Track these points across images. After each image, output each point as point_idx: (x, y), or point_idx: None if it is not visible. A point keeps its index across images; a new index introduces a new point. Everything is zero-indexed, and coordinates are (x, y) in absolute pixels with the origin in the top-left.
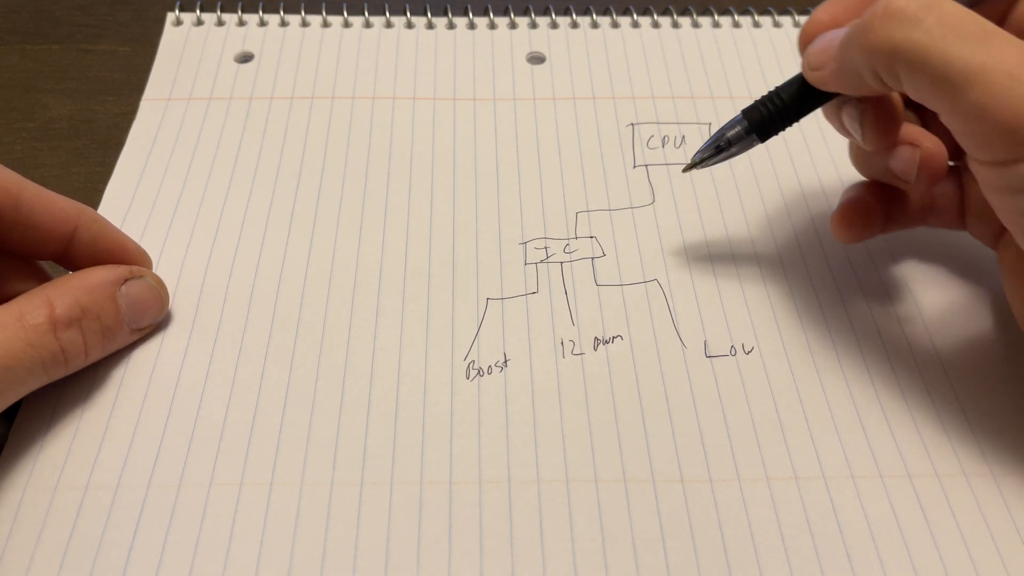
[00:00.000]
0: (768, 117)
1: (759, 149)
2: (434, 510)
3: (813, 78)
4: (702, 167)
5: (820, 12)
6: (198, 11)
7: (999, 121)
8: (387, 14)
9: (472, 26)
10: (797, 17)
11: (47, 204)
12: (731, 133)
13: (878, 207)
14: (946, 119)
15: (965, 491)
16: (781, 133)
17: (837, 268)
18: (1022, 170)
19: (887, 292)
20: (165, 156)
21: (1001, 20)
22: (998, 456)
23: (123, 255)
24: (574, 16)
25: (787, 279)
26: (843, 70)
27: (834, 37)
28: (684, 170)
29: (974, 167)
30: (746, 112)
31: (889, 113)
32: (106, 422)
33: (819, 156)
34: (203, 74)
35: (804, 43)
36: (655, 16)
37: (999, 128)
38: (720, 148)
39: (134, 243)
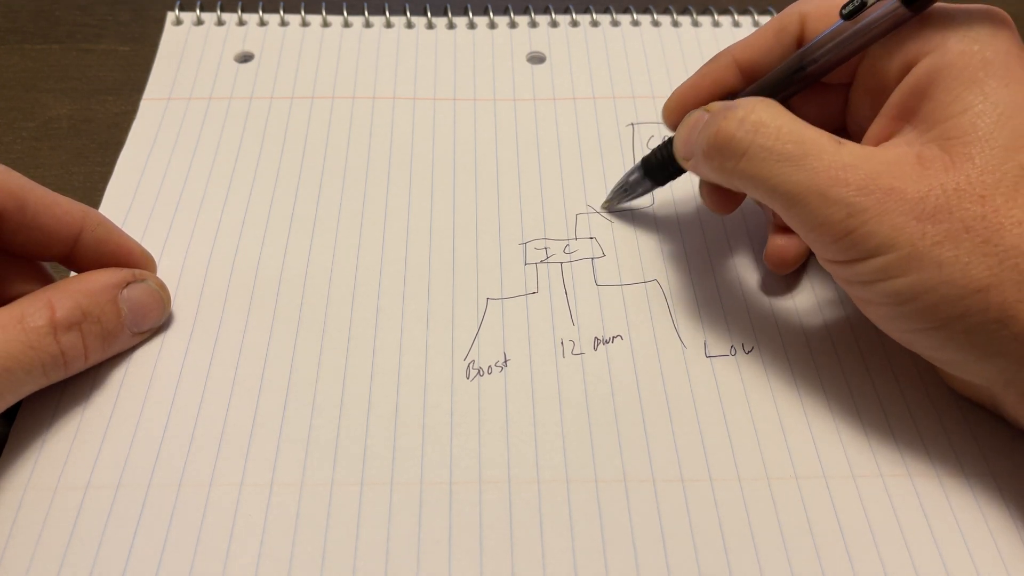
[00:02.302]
0: (658, 165)
1: None
2: (434, 510)
3: (684, 166)
4: (617, 205)
5: (680, 91)
6: (198, 11)
7: (820, 234)
8: (387, 14)
9: (472, 26)
10: None
11: (52, 206)
12: (632, 178)
13: (786, 246)
14: (789, 225)
15: (965, 491)
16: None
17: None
18: (855, 269)
19: None
20: (165, 156)
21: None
22: (998, 456)
23: (128, 258)
24: (574, 15)
25: (787, 279)
26: (698, 170)
27: (694, 126)
28: (601, 206)
29: (821, 262)
30: (643, 159)
31: (729, 198)
32: (106, 422)
33: None
34: (203, 74)
35: (667, 117)
36: (655, 15)
37: (822, 239)
38: (625, 189)
39: (139, 246)
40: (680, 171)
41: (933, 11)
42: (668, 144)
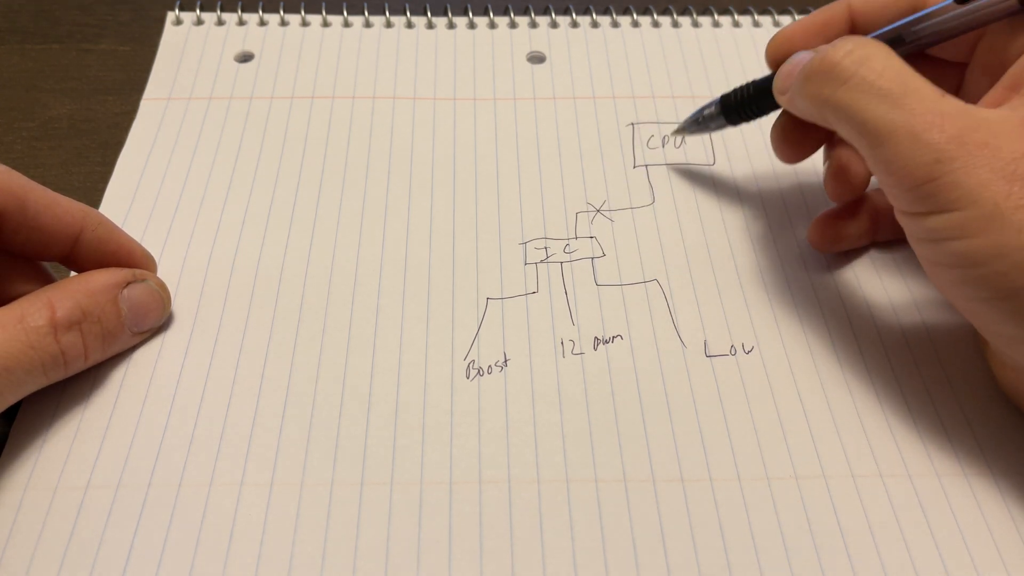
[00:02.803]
0: (736, 105)
1: (762, 149)
2: (434, 510)
3: (779, 99)
4: (688, 135)
5: (789, 28)
6: (198, 11)
7: (903, 177)
8: (387, 14)
9: (472, 26)
10: (797, 17)
11: (53, 206)
12: (707, 111)
13: (845, 223)
14: (870, 168)
15: (965, 491)
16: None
17: (837, 268)
18: (930, 223)
19: (887, 292)
20: (165, 156)
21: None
22: (998, 456)
23: (128, 258)
24: (574, 16)
25: (787, 279)
26: (795, 103)
27: (798, 63)
28: (673, 133)
29: (896, 214)
30: (722, 96)
31: (802, 143)
32: (106, 422)
33: (818, 157)
34: (203, 74)
35: (770, 52)
36: (655, 16)
37: (904, 184)
38: (698, 123)
39: (139, 246)
40: (756, 115)
41: None
42: (750, 86)
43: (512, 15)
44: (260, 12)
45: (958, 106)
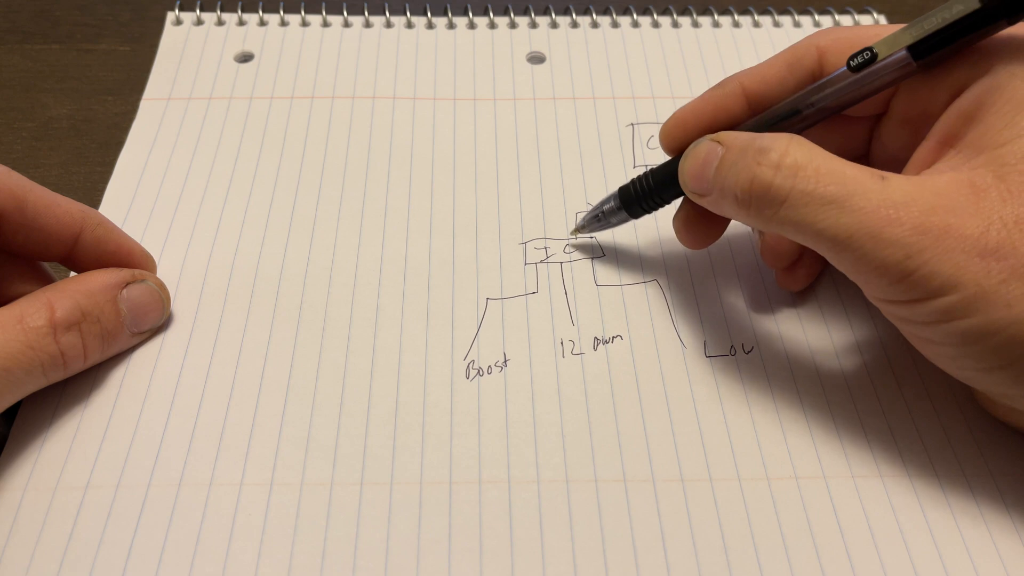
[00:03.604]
0: (636, 198)
1: None
2: (434, 510)
3: (697, 201)
4: (587, 232)
5: (681, 113)
6: (198, 11)
7: (876, 277)
8: (387, 14)
9: (472, 26)
10: (797, 17)
11: (52, 207)
12: (606, 207)
13: (804, 268)
14: (837, 267)
15: (965, 491)
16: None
17: (836, 268)
18: (915, 309)
19: None
20: (165, 156)
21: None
22: (997, 457)
23: (128, 258)
24: (574, 16)
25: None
26: (723, 211)
27: (707, 161)
28: (571, 233)
29: (870, 298)
30: (620, 190)
31: (707, 235)
32: (106, 422)
33: None
34: (203, 74)
35: (665, 140)
36: (655, 16)
37: (879, 283)
38: (598, 219)
39: (139, 246)
40: (658, 206)
41: (983, 41)
42: (648, 177)
43: (512, 15)
44: (260, 12)
45: (905, 189)
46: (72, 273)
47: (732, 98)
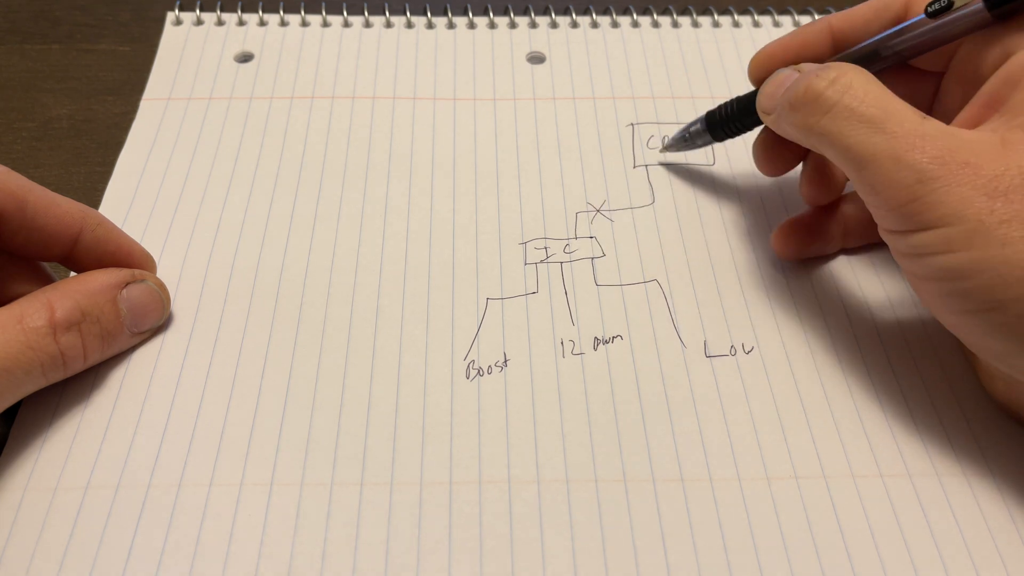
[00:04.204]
0: (721, 121)
1: None
2: (434, 510)
3: (763, 119)
4: (674, 151)
5: (770, 46)
6: (198, 11)
7: (887, 198)
8: (387, 14)
9: (472, 26)
10: (797, 17)
11: (52, 207)
12: (692, 129)
13: (813, 229)
14: (856, 190)
15: (965, 491)
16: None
17: (836, 268)
18: (915, 239)
19: (886, 292)
20: (165, 156)
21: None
22: (998, 456)
23: (128, 258)
24: (574, 16)
25: (787, 279)
26: (780, 127)
27: (781, 83)
28: (660, 150)
29: (881, 232)
30: (707, 113)
31: (783, 160)
32: (106, 422)
33: None
34: (203, 74)
35: (752, 70)
36: (655, 16)
37: (889, 204)
38: (685, 139)
39: (139, 246)
40: (740, 131)
41: None
42: (734, 103)
43: (512, 15)
44: (260, 12)
45: (938, 128)
46: (72, 273)
47: (818, 35)
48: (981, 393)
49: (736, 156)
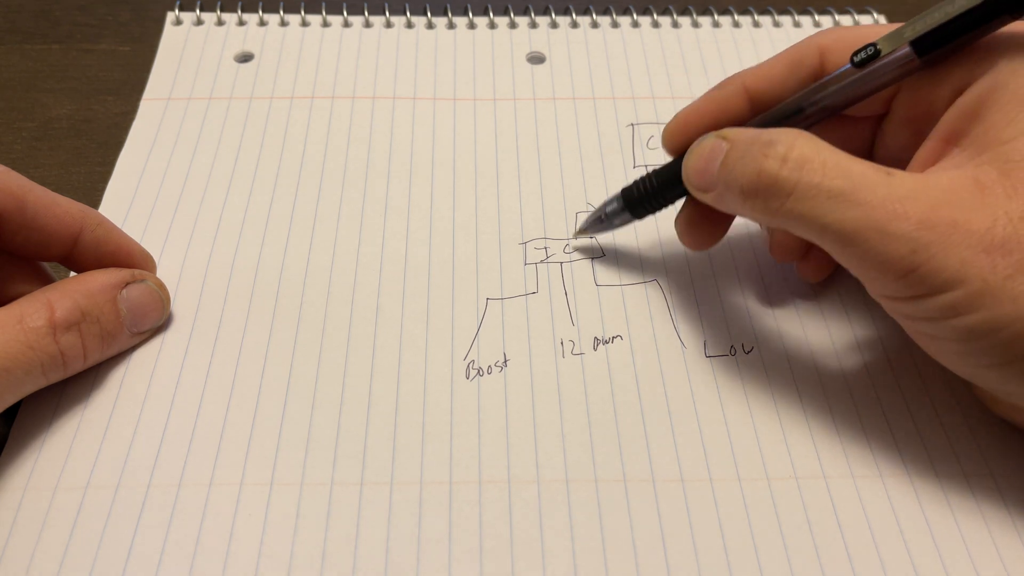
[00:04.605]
0: (639, 199)
1: None
2: (434, 510)
3: (700, 197)
4: (589, 235)
5: (683, 115)
6: (198, 11)
7: (881, 273)
8: (387, 14)
9: (472, 26)
10: (797, 17)
11: (52, 207)
12: (609, 209)
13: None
14: (841, 263)
15: (965, 491)
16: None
17: (837, 268)
18: (920, 305)
19: None
20: (165, 156)
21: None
22: (997, 457)
23: (127, 258)
24: (574, 16)
25: (787, 279)
26: (727, 206)
27: (712, 157)
28: (573, 236)
29: (873, 296)
30: (623, 191)
31: (711, 234)
32: (106, 422)
33: None
34: (203, 74)
35: (668, 140)
36: (655, 16)
37: (884, 278)
38: (601, 220)
39: (139, 246)
40: (663, 205)
41: (986, 38)
42: (652, 178)
43: (512, 15)
44: (260, 12)
45: (910, 184)
46: (72, 273)
47: (734, 98)
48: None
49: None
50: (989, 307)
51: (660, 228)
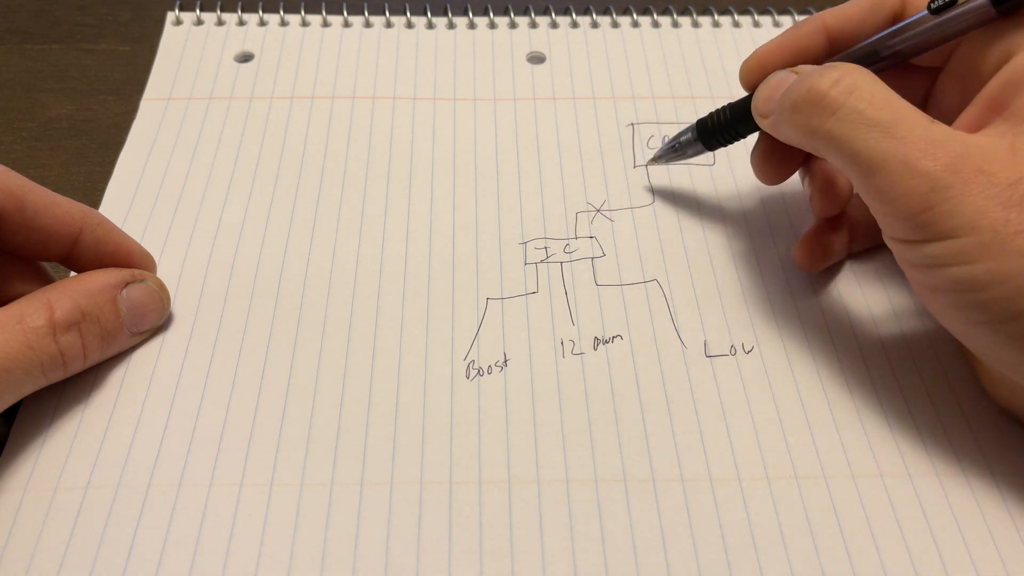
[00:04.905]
0: (713, 131)
1: None
2: (434, 510)
3: (760, 123)
4: (663, 163)
5: (763, 49)
6: (198, 11)
7: (898, 207)
8: (387, 14)
9: (472, 26)
10: (797, 17)
11: (52, 207)
12: (683, 138)
13: (830, 239)
14: (861, 196)
15: (965, 491)
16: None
17: (837, 268)
18: (927, 250)
19: (886, 292)
20: (165, 156)
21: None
22: (998, 456)
23: (127, 258)
24: (574, 16)
25: (787, 279)
26: (780, 129)
27: (778, 85)
28: (648, 163)
29: (886, 240)
30: (698, 122)
31: (783, 167)
32: (106, 422)
33: None
34: (203, 74)
35: (745, 74)
36: (655, 16)
37: (900, 213)
38: (675, 149)
39: (139, 246)
40: (735, 138)
41: None
42: (726, 110)
43: (512, 15)
44: (260, 12)
45: (948, 133)
46: (72, 273)
47: (813, 36)
48: (981, 393)
49: (736, 156)
50: (995, 258)
51: (660, 228)
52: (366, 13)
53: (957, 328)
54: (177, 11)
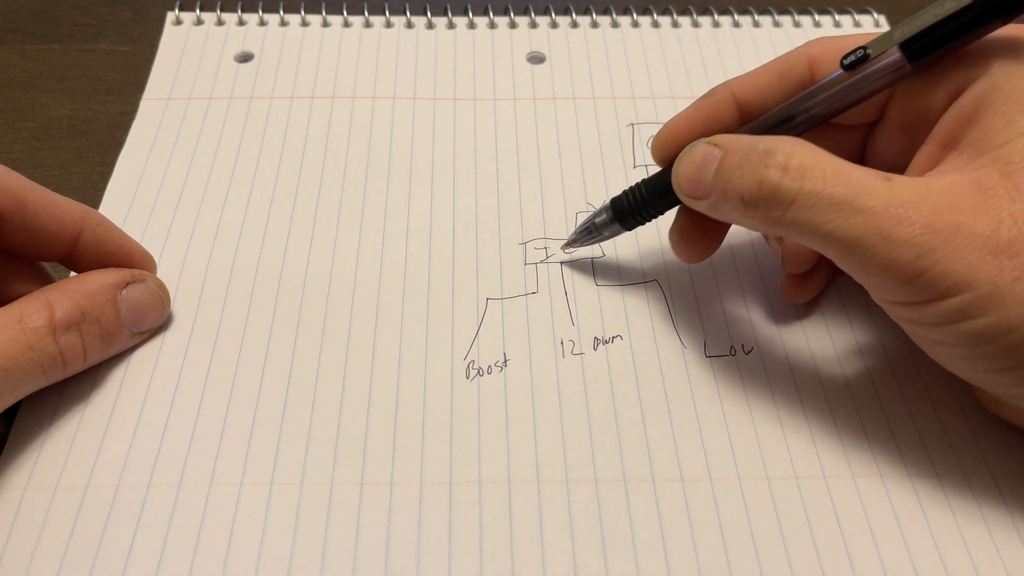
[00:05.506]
0: (629, 210)
1: None
2: (434, 510)
3: (692, 205)
4: (579, 246)
5: (673, 124)
6: (198, 11)
7: (885, 278)
8: (387, 14)
9: (472, 26)
10: (797, 17)
11: (52, 207)
12: (598, 220)
13: (813, 274)
14: (843, 269)
15: (965, 491)
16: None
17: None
18: (926, 310)
19: None
20: (165, 156)
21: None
22: (997, 457)
23: (127, 258)
24: (574, 16)
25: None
26: (721, 212)
27: (704, 164)
28: (562, 247)
29: (877, 301)
30: (612, 201)
31: (706, 247)
32: (106, 422)
33: None
34: (203, 74)
35: (658, 150)
36: (655, 16)
37: (889, 284)
38: (590, 231)
39: (139, 246)
40: (654, 215)
41: (979, 42)
42: (641, 187)
43: (512, 15)
44: (260, 12)
45: (911, 188)
46: (72, 273)
47: (723, 106)
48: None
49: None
50: (998, 310)
51: (660, 229)
52: (366, 13)
53: (967, 375)
54: (177, 11)
